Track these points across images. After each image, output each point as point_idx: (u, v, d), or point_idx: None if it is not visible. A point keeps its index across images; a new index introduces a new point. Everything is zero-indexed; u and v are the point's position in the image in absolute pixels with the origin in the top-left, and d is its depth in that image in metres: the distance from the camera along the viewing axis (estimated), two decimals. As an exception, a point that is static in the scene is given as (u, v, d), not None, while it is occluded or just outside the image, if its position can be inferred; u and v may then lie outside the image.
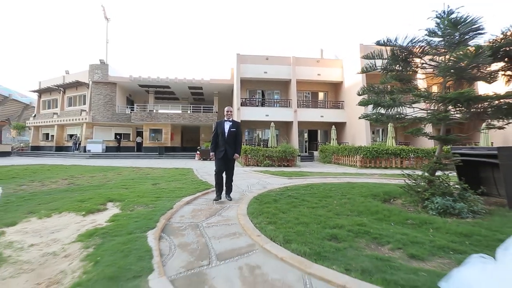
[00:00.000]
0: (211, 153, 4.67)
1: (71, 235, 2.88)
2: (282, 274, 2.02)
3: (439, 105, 3.77)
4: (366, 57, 4.49)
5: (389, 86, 4.72)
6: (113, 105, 21.61)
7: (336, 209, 3.87)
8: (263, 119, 18.57)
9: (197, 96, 25.61)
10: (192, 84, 21.12)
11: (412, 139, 17.86)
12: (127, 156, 19.29)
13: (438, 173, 4.14)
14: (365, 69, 4.60)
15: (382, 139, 19.27)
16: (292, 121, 18.88)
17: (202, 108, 22.71)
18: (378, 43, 4.06)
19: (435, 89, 11.41)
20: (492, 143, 15.52)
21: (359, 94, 4.85)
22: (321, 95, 21.42)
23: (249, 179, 7.50)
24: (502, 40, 3.19)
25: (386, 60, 4.49)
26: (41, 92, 25.70)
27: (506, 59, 3.31)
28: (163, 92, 24.09)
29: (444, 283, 1.68)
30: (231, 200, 4.61)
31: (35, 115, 25.80)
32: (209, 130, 23.08)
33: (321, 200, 4.49)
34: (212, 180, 6.99)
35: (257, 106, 20.25)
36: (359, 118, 5.25)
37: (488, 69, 3.92)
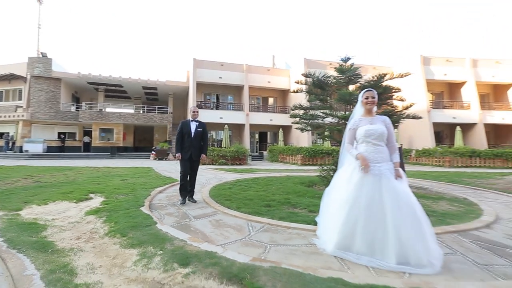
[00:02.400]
0: (177, 154, 4.46)
1: (78, 213, 3.86)
2: (235, 221, 3.49)
3: (339, 120, 5.70)
4: (296, 82, 6.28)
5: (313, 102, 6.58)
6: (57, 102, 20.33)
7: (273, 192, 5.50)
8: (218, 121, 19.84)
9: (151, 96, 25.49)
10: (147, 84, 21.19)
11: (344, 141, 21.15)
12: (75, 156, 18.49)
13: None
14: (295, 90, 6.38)
15: (323, 141, 22.29)
16: (244, 124, 20.57)
17: (156, 109, 22.82)
18: (303, 75, 5.85)
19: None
20: (401, 144, 19.54)
21: (292, 109, 6.62)
22: (271, 101, 23.62)
23: (207, 175, 8.79)
24: (372, 81, 5.21)
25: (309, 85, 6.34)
26: (-40, 83, 22.44)
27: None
28: (115, 91, 23.43)
29: (317, 218, 3.34)
30: (195, 202, 4.52)
31: (-49, 110, 22.40)
32: (164, 130, 23.32)
33: (263, 187, 6.11)
34: (175, 176, 8.11)
35: (212, 109, 21.41)
36: (294, 125, 7.05)
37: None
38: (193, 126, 4.57)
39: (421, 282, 1.91)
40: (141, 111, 22.89)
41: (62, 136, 21.28)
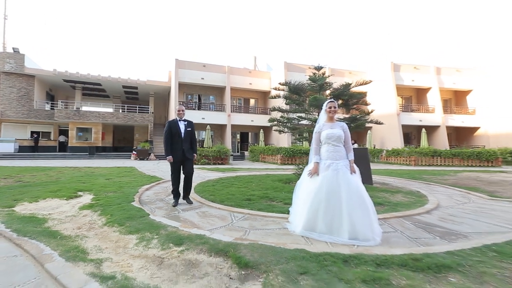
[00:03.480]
0: (168, 157, 4.25)
1: (72, 209, 4.15)
2: (219, 213, 3.97)
3: (312, 122, 6.36)
4: (275, 89, 6.86)
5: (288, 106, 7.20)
6: (30, 100, 19.53)
7: (253, 188, 6.03)
8: (200, 121, 20.07)
9: (131, 95, 25.11)
10: (127, 83, 20.93)
11: (322, 141, 22.23)
12: (50, 156, 17.91)
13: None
14: (274, 96, 6.96)
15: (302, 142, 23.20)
16: (226, 124, 20.97)
17: (137, 108, 22.56)
18: (280, 84, 6.43)
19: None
20: (374, 145, 20.90)
21: (271, 110, 7.19)
22: (252, 102, 24.18)
23: (190, 174, 9.15)
24: (340, 89, 5.91)
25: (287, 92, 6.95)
26: None
27: (340, 100, 6.07)
28: (92, 89, 22.85)
29: (290, 208, 3.90)
30: (191, 203, 4.45)
31: None
32: (144, 130, 23.10)
33: (244, 184, 6.62)
34: (159, 175, 8.40)
35: (194, 109, 21.58)
36: (274, 127, 7.66)
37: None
38: (182, 125, 4.35)
39: (364, 250, 2.51)
40: (121, 111, 22.53)
41: (35, 135, 20.45)
